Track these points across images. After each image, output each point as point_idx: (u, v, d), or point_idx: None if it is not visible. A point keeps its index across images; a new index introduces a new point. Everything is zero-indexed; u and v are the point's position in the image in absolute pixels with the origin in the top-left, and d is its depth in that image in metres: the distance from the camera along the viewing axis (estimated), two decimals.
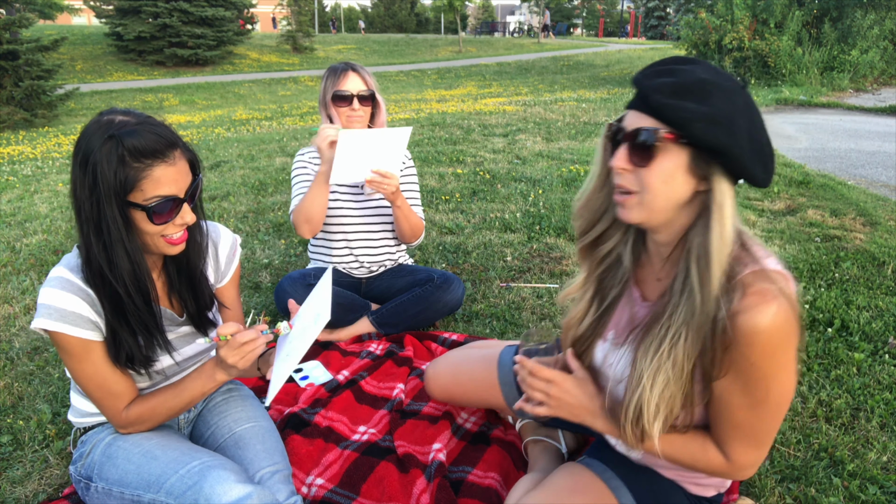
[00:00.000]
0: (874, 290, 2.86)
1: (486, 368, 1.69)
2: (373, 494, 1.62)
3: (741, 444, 1.10)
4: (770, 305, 0.98)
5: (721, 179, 1.01)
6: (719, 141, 0.98)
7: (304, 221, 2.28)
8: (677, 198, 1.04)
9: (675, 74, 1.02)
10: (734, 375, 1.04)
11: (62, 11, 24.00)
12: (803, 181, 4.79)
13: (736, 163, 0.99)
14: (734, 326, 0.99)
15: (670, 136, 1.00)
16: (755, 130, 1.01)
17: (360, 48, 29.22)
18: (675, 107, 0.98)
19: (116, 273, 1.25)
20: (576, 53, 26.27)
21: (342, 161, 2.12)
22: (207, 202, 4.46)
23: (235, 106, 14.09)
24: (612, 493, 1.27)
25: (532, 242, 3.52)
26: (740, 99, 1.01)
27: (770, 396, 1.04)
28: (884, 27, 13.08)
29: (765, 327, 0.98)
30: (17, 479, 1.71)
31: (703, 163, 1.01)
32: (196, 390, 1.35)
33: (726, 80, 1.02)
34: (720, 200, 1.01)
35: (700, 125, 0.97)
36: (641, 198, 1.05)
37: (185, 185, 1.27)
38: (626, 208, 1.08)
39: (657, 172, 1.03)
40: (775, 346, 0.99)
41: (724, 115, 0.98)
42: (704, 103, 0.98)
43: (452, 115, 8.61)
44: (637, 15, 48.11)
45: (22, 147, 8.37)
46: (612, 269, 1.24)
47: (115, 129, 1.19)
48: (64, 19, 35.63)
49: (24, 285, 3.06)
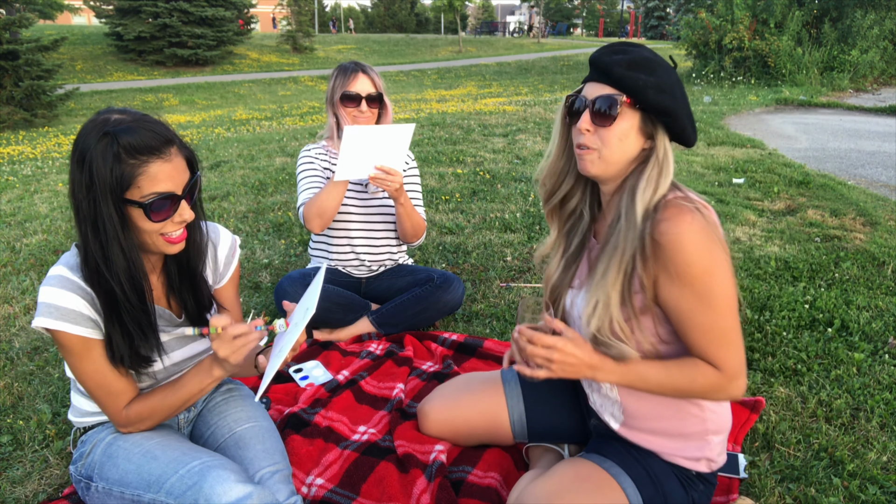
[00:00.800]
0: (874, 290, 2.86)
1: (490, 389, 1.69)
2: (373, 494, 1.62)
3: (719, 348, 1.23)
4: (685, 216, 1.18)
5: (663, 137, 1.25)
6: (667, 105, 1.21)
7: (317, 215, 2.27)
8: (630, 153, 1.27)
9: (627, 52, 1.24)
10: (678, 283, 1.20)
11: (62, 11, 23.98)
12: (803, 181, 4.79)
13: (678, 123, 1.23)
14: (659, 235, 1.18)
15: (628, 100, 1.23)
16: (686, 100, 1.25)
17: (360, 48, 29.21)
18: (631, 77, 1.21)
19: (112, 271, 1.25)
20: (576, 53, 26.28)
21: (347, 157, 2.11)
22: (207, 202, 4.46)
23: (235, 106, 14.10)
24: (615, 479, 1.33)
25: (532, 242, 3.52)
26: (674, 74, 1.25)
27: (716, 292, 1.19)
28: (884, 27, 13.08)
29: (685, 231, 1.17)
30: (17, 479, 1.71)
31: (650, 123, 1.25)
32: (194, 387, 1.35)
33: (662, 59, 1.25)
34: (661, 155, 1.24)
35: (651, 91, 1.20)
36: (600, 153, 1.26)
37: (182, 182, 1.27)
38: (587, 162, 1.28)
39: (616, 132, 1.24)
40: (699, 246, 1.17)
41: (668, 85, 1.21)
42: (653, 75, 1.21)
43: (452, 115, 8.61)
44: (637, 15, 48.11)
45: (22, 147, 8.37)
46: (576, 225, 1.45)
47: (111, 126, 1.19)
48: (64, 19, 35.64)
49: (24, 285, 3.06)
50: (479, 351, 2.36)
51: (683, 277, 1.18)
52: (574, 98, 1.29)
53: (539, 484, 1.33)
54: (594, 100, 1.24)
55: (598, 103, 1.24)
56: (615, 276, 1.24)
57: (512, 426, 1.67)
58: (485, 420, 1.69)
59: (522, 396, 1.66)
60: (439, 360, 2.31)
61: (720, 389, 1.25)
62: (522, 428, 1.66)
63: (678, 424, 1.37)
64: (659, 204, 1.22)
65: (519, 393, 1.67)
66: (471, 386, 1.74)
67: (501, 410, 1.67)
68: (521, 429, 1.67)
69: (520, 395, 1.66)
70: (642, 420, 1.39)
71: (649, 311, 1.28)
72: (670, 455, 1.38)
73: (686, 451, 1.38)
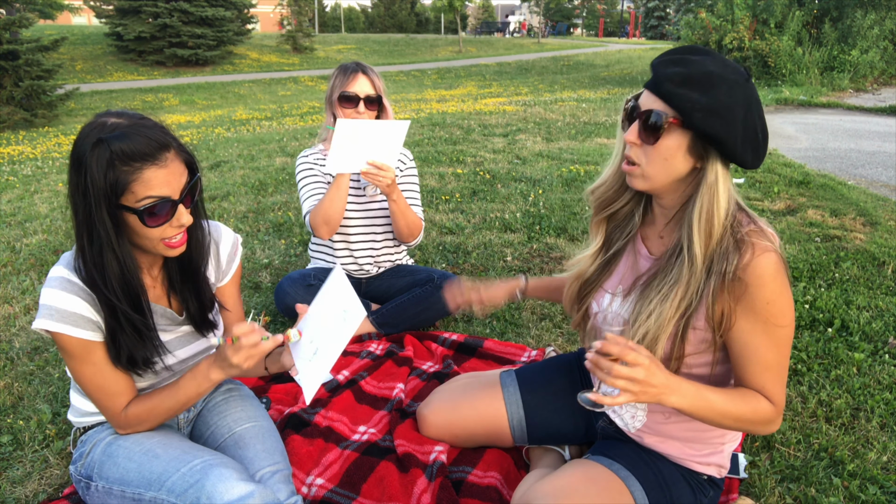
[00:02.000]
0: (874, 290, 2.86)
1: (488, 394, 1.68)
2: (373, 494, 1.62)
3: (776, 384, 1.21)
4: (770, 254, 1.15)
5: (715, 161, 1.16)
6: (715, 130, 1.11)
7: (324, 223, 2.27)
8: (676, 173, 1.19)
9: (687, 65, 1.14)
10: (752, 318, 1.17)
11: (62, 11, 23.98)
12: (803, 181, 4.79)
13: (728, 150, 1.13)
14: (747, 273, 1.15)
15: (675, 120, 1.14)
16: (750, 121, 1.13)
17: (360, 48, 29.20)
18: (680, 96, 1.12)
19: (106, 276, 1.25)
20: (576, 53, 26.27)
21: (338, 150, 2.10)
22: (207, 202, 4.46)
23: (235, 106, 14.09)
24: (623, 482, 1.32)
25: (532, 242, 3.52)
26: (741, 91, 1.13)
27: (784, 330, 1.18)
28: (884, 27, 13.07)
29: (771, 270, 1.14)
30: (17, 479, 1.71)
31: (700, 146, 1.16)
32: (191, 391, 1.34)
33: (732, 72, 1.14)
34: (710, 180, 1.16)
35: (699, 115, 1.11)
36: (643, 170, 1.20)
37: (179, 186, 1.25)
38: (632, 177, 1.23)
39: (661, 150, 1.17)
40: (780, 285, 1.16)
41: (723, 107, 1.11)
42: (707, 94, 1.11)
43: (452, 115, 8.61)
44: (637, 15, 48.11)
45: (22, 147, 8.37)
46: (621, 226, 1.40)
47: (105, 132, 1.19)
48: (64, 19, 35.63)
49: (24, 285, 3.06)
50: (479, 351, 2.36)
51: (760, 314, 1.16)
52: (633, 105, 1.22)
53: (546, 483, 1.32)
54: (644, 111, 1.17)
55: (646, 116, 1.16)
56: (673, 311, 1.20)
57: (512, 430, 1.66)
58: (484, 425, 1.68)
59: (521, 401, 1.65)
60: (439, 360, 2.31)
61: (771, 422, 1.22)
62: (522, 432, 1.66)
63: (697, 431, 1.36)
64: (737, 237, 1.16)
65: (518, 397, 1.66)
66: (469, 390, 1.73)
67: (501, 415, 1.66)
68: (520, 433, 1.66)
69: (519, 400, 1.66)
70: (663, 424, 1.37)
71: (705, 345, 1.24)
72: (682, 459, 1.37)
73: (699, 456, 1.37)
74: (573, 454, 1.69)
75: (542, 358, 2.29)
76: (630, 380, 1.10)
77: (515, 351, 2.35)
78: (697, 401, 1.17)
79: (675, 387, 1.15)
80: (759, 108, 1.15)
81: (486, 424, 1.68)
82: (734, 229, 1.18)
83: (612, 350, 1.11)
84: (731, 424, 1.22)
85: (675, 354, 1.24)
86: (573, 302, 1.49)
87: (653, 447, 1.40)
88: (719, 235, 1.17)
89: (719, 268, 1.17)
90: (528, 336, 2.51)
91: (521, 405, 1.65)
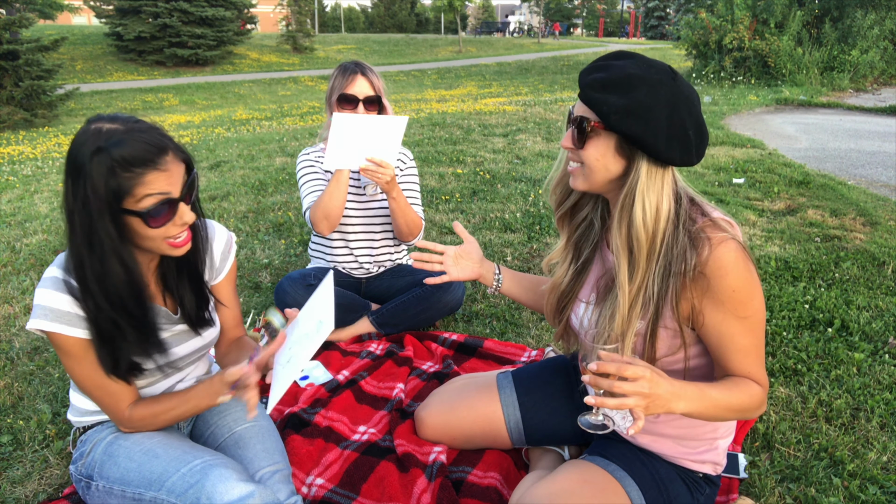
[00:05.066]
0: (874, 290, 2.86)
1: (485, 396, 1.69)
2: (373, 494, 1.62)
3: (759, 366, 1.24)
4: (727, 243, 1.17)
5: (640, 160, 1.18)
6: (633, 131, 1.14)
7: (323, 217, 2.27)
8: (610, 174, 1.23)
9: (608, 70, 1.18)
10: (722, 309, 1.19)
11: (62, 11, 23.99)
12: (803, 181, 4.79)
13: (650, 148, 1.15)
14: (707, 268, 1.17)
15: (596, 124, 1.19)
16: (677, 118, 1.15)
17: (360, 48, 29.21)
18: (598, 100, 1.16)
19: (110, 283, 1.24)
20: (576, 53, 26.28)
21: (336, 145, 2.09)
22: (208, 202, 4.46)
23: (235, 106, 14.09)
24: (619, 483, 1.33)
25: (532, 242, 3.52)
26: (664, 91, 1.15)
27: (755, 313, 1.21)
28: (884, 27, 13.08)
29: (730, 259, 1.16)
30: (17, 479, 1.71)
31: (626, 146, 1.19)
32: (202, 403, 1.36)
33: (655, 73, 1.17)
34: (633, 180, 1.19)
35: (616, 116, 1.14)
36: (583, 170, 1.25)
37: (178, 185, 1.26)
38: (573, 178, 1.29)
39: (591, 152, 1.22)
40: (742, 271, 1.18)
41: (642, 107, 1.13)
42: (625, 96, 1.14)
43: (452, 115, 8.61)
44: (637, 15, 48.11)
45: (22, 147, 8.37)
46: (585, 234, 1.43)
47: (103, 140, 1.18)
48: (64, 19, 35.63)
49: (24, 285, 3.06)
50: (479, 351, 2.36)
51: (728, 303, 1.18)
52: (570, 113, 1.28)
53: (542, 485, 1.32)
54: (575, 118, 1.23)
55: (576, 122, 1.23)
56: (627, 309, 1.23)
57: (509, 433, 1.66)
58: (481, 427, 1.68)
59: (518, 403, 1.65)
60: (439, 359, 2.31)
61: (763, 404, 1.25)
62: (520, 434, 1.66)
63: (690, 429, 1.37)
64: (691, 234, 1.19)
65: (514, 400, 1.66)
66: (466, 393, 1.73)
67: (498, 418, 1.66)
68: (518, 435, 1.66)
69: (515, 402, 1.66)
70: (656, 424, 1.38)
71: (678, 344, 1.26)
72: (677, 458, 1.38)
73: (693, 454, 1.38)
74: (572, 454, 1.70)
75: (542, 358, 2.29)
76: (637, 395, 1.08)
77: (515, 351, 2.35)
78: (702, 401, 1.16)
79: (680, 392, 1.14)
80: (690, 105, 1.17)
81: (483, 427, 1.68)
82: (686, 227, 1.19)
83: (609, 369, 1.09)
84: (733, 416, 1.24)
85: (646, 356, 1.26)
86: (554, 314, 1.51)
87: (647, 447, 1.40)
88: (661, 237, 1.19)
89: (678, 269, 1.18)
90: (528, 336, 2.51)
91: (517, 407, 1.65)
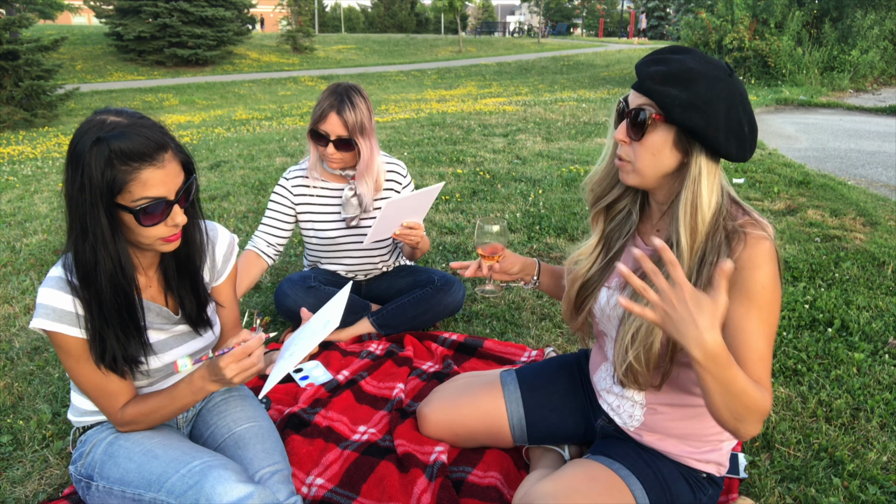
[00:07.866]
0: (874, 290, 2.86)
1: (489, 392, 1.69)
2: (373, 494, 1.62)
3: (767, 375, 1.20)
4: (764, 241, 1.17)
5: (699, 155, 1.19)
6: (695, 123, 1.15)
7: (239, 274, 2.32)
8: (664, 168, 1.23)
9: (668, 63, 1.19)
10: (748, 303, 1.16)
11: (62, 11, 24.00)
12: (803, 181, 4.79)
13: (711, 143, 1.16)
14: (741, 260, 1.16)
15: (658, 116, 1.19)
16: (734, 114, 1.16)
17: (360, 48, 29.21)
18: (660, 92, 1.16)
19: (99, 272, 1.25)
20: (576, 53, 26.28)
21: (381, 225, 2.07)
22: (207, 202, 4.46)
23: (235, 106, 14.09)
24: (623, 481, 1.33)
25: (532, 242, 3.52)
26: (723, 86, 1.16)
27: (774, 319, 1.19)
28: (884, 27, 13.08)
29: (765, 256, 1.16)
30: (17, 479, 1.71)
31: (685, 140, 1.19)
32: (188, 398, 1.35)
33: (713, 68, 1.18)
34: (694, 173, 1.19)
35: (679, 109, 1.15)
36: (634, 166, 1.24)
37: (174, 186, 1.26)
38: (624, 173, 1.28)
39: (647, 145, 1.21)
40: (773, 271, 1.17)
41: (703, 101, 1.14)
42: (687, 90, 1.15)
43: (452, 115, 8.61)
44: (637, 15, 48.13)
45: (22, 147, 8.37)
46: (620, 225, 1.42)
47: (105, 131, 1.19)
48: (64, 19, 35.65)
49: (24, 285, 3.06)
50: (479, 351, 2.36)
51: (755, 299, 1.16)
52: (622, 105, 1.27)
53: (547, 483, 1.32)
54: (631, 110, 1.22)
55: (632, 114, 1.21)
56: None
57: (512, 430, 1.66)
58: (484, 424, 1.68)
59: (521, 400, 1.66)
60: (439, 359, 2.31)
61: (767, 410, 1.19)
62: (522, 431, 1.66)
63: (696, 428, 1.37)
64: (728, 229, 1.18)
65: (518, 396, 1.66)
66: (469, 389, 1.73)
67: (501, 414, 1.66)
68: (520, 432, 1.66)
69: (519, 399, 1.66)
70: (661, 423, 1.38)
71: None
72: (681, 457, 1.38)
73: (697, 453, 1.38)
74: (573, 454, 1.70)
75: (542, 358, 2.29)
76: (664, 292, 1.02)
77: (515, 351, 2.35)
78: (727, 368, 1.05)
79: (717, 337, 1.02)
80: (744, 102, 1.18)
81: (487, 423, 1.68)
82: (726, 223, 1.19)
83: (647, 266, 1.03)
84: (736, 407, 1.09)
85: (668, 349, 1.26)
86: (573, 304, 1.50)
87: (652, 445, 1.40)
88: (708, 229, 1.19)
89: (712, 259, 1.18)
90: (528, 336, 2.51)
91: (521, 403, 1.65)
